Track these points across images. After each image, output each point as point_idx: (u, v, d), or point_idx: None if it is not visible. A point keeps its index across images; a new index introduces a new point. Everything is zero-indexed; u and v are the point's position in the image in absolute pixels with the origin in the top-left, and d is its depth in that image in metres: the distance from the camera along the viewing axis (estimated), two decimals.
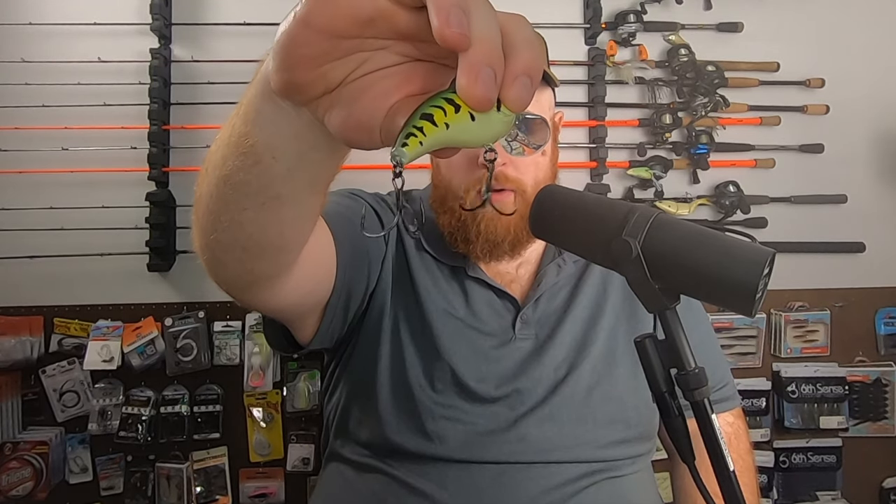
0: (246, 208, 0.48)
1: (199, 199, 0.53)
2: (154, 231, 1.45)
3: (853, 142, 1.67)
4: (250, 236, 0.51)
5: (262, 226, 0.50)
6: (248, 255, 0.54)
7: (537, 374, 0.83)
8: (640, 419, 0.85)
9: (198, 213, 0.54)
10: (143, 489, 1.42)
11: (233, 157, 0.45)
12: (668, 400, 0.53)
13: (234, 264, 0.56)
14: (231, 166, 0.45)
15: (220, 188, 0.48)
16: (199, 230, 0.55)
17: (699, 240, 0.51)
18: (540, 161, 0.87)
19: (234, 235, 0.52)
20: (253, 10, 1.53)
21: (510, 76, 0.31)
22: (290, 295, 0.65)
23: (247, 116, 0.43)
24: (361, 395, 0.85)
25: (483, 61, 0.30)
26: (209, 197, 0.50)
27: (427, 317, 0.85)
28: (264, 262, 0.56)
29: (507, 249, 0.87)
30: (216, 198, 0.49)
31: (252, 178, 0.45)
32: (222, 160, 0.46)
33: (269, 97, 0.39)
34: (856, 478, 1.60)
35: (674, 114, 1.57)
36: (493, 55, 0.30)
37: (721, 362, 0.97)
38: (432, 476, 0.78)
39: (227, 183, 0.47)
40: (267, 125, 0.41)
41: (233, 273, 0.58)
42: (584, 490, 0.78)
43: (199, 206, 0.54)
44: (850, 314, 1.62)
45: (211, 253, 0.55)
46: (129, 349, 1.38)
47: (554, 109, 0.93)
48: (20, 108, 1.43)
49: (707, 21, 1.63)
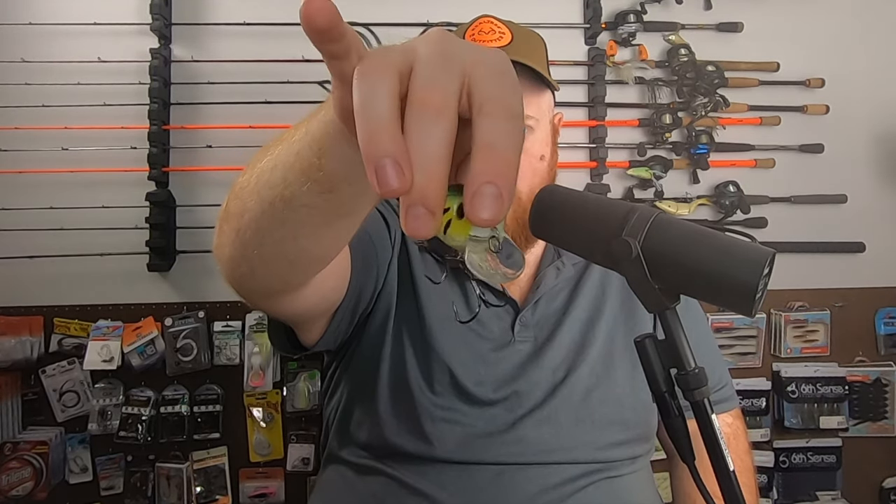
0: (306, 225, 0.47)
1: (240, 214, 0.50)
2: (154, 231, 1.45)
3: (853, 142, 1.67)
4: (302, 249, 0.50)
5: (317, 240, 0.50)
6: (292, 267, 0.54)
7: (536, 377, 0.83)
8: (638, 420, 0.85)
9: (236, 228, 0.52)
10: (143, 489, 1.42)
11: (299, 183, 0.43)
12: (667, 400, 0.53)
13: (271, 276, 0.55)
14: (297, 191, 0.44)
15: (276, 207, 0.46)
16: (238, 245, 0.52)
17: (699, 240, 0.51)
18: (538, 167, 0.87)
19: (284, 250, 0.51)
20: (253, 10, 1.53)
21: (471, 188, 0.27)
22: (307, 301, 0.65)
23: (321, 149, 0.41)
24: (361, 396, 0.85)
25: (418, 202, 0.27)
26: (260, 214, 0.48)
27: (427, 319, 0.85)
28: (304, 274, 0.56)
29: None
30: (269, 215, 0.47)
31: (323, 201, 0.44)
32: (283, 183, 0.45)
33: (345, 136, 0.38)
34: (856, 478, 1.60)
35: (674, 114, 1.57)
36: (435, 192, 0.28)
37: (719, 363, 0.97)
38: (431, 476, 0.78)
39: (289, 205, 0.45)
40: (345, 159, 0.40)
41: (265, 284, 0.57)
42: (583, 489, 0.78)
43: (238, 222, 0.51)
44: (850, 314, 1.62)
45: (248, 265, 0.54)
46: (129, 349, 1.38)
47: (553, 111, 0.93)
48: (20, 108, 1.43)
49: (707, 21, 1.63)
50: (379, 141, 0.28)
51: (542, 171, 0.87)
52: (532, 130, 0.86)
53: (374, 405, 0.82)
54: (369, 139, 0.28)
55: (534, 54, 0.85)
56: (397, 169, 0.27)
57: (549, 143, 0.90)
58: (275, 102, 1.48)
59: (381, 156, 0.27)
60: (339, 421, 0.89)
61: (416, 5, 1.56)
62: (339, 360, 0.90)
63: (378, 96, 0.29)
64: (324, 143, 0.41)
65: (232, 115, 1.49)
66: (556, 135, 0.93)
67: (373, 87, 0.29)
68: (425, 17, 1.55)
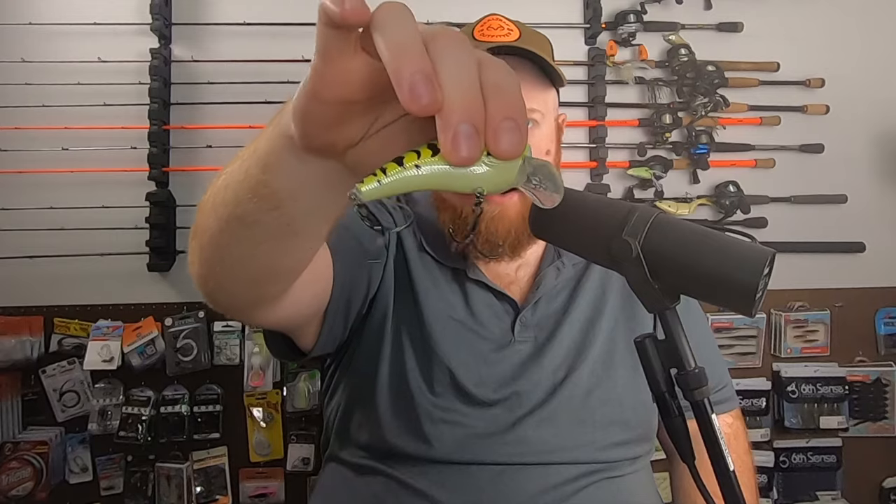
0: (261, 243, 0.48)
1: (203, 232, 0.51)
2: (154, 231, 1.45)
3: (853, 142, 1.67)
4: (262, 266, 0.51)
5: (277, 257, 0.50)
6: (258, 283, 0.54)
7: (536, 377, 0.83)
8: (638, 421, 0.85)
9: (200, 245, 0.53)
10: (143, 489, 1.42)
11: (248, 201, 0.44)
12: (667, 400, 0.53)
13: (241, 292, 0.56)
14: (247, 208, 0.45)
15: (231, 225, 0.47)
16: (203, 262, 0.54)
17: (699, 240, 0.51)
18: None
19: (246, 267, 0.51)
20: (253, 10, 1.53)
21: (492, 126, 0.29)
22: (289, 308, 0.65)
23: (266, 165, 0.42)
24: (361, 397, 0.85)
25: (459, 119, 0.29)
26: (218, 233, 0.49)
27: (426, 319, 0.85)
28: (273, 287, 0.56)
29: (507, 251, 0.87)
30: (227, 234, 0.49)
31: (271, 219, 0.45)
32: (234, 201, 0.46)
33: (293, 150, 0.39)
34: (856, 478, 1.60)
35: (674, 114, 1.57)
36: (470, 110, 0.29)
37: (719, 364, 0.97)
38: (431, 476, 0.78)
39: (242, 222, 0.46)
40: (291, 174, 0.41)
41: (237, 299, 0.58)
42: (584, 489, 0.79)
43: (201, 239, 0.52)
44: (850, 314, 1.62)
45: (214, 281, 0.55)
46: (129, 349, 1.38)
47: (558, 111, 0.93)
48: (20, 108, 1.43)
49: (707, 21, 1.63)
50: (410, 57, 0.28)
51: None
52: (537, 125, 0.85)
53: (374, 407, 0.82)
54: (399, 55, 0.29)
55: (541, 52, 0.85)
56: (429, 85, 0.28)
57: (554, 139, 0.90)
58: (275, 102, 1.48)
59: (414, 71, 0.28)
60: (339, 422, 0.88)
61: (416, 5, 1.55)
62: (337, 362, 0.90)
63: (406, 23, 0.30)
64: (269, 158, 0.41)
65: (232, 115, 1.49)
66: (559, 134, 0.93)
67: (400, 16, 0.30)
68: (425, 18, 1.55)
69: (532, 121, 0.84)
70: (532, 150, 0.49)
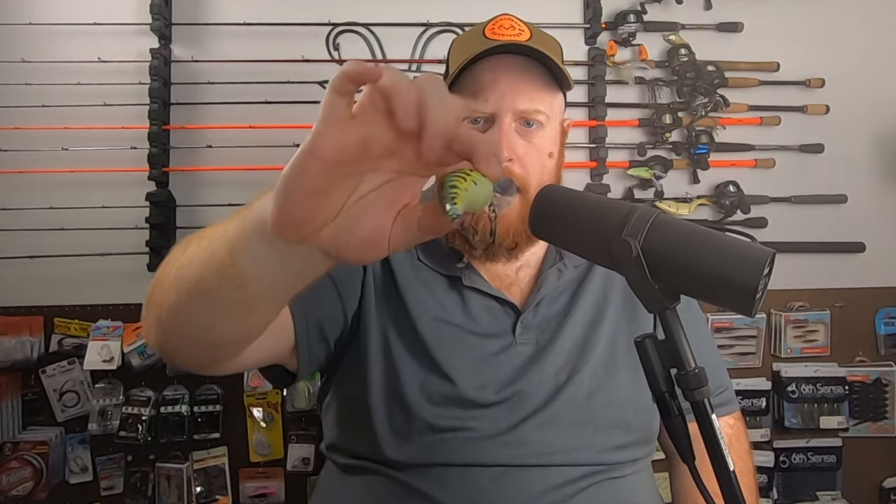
0: (222, 317, 0.51)
1: (161, 304, 0.54)
2: (154, 231, 1.45)
3: (853, 142, 1.67)
4: (221, 336, 0.54)
5: (237, 328, 0.54)
6: (216, 348, 0.58)
7: (538, 379, 0.82)
8: (640, 424, 0.84)
9: (158, 317, 0.55)
10: (143, 489, 1.43)
11: (212, 279, 0.48)
12: (667, 400, 0.53)
13: (200, 355, 0.60)
14: (209, 286, 0.48)
15: (192, 299, 0.50)
16: (161, 331, 0.57)
17: (699, 240, 0.51)
18: (546, 163, 0.86)
19: (205, 336, 0.55)
20: (253, 10, 1.53)
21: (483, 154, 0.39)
22: (251, 358, 0.68)
23: (233, 249, 0.46)
24: (355, 413, 0.84)
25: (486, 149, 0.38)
26: (178, 305, 0.52)
27: (419, 328, 0.83)
28: (231, 350, 0.59)
29: (505, 252, 0.86)
30: (187, 307, 0.51)
31: (234, 296, 0.48)
32: (197, 278, 0.49)
33: (261, 237, 0.43)
34: (856, 478, 1.60)
35: (674, 114, 1.57)
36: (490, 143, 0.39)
37: (719, 367, 0.97)
38: (433, 478, 0.78)
39: (204, 297, 0.49)
40: (257, 260, 0.45)
41: (196, 360, 0.61)
42: (585, 490, 0.78)
43: (159, 311, 0.55)
44: (850, 314, 1.62)
45: (171, 346, 0.58)
46: (130, 349, 1.38)
47: (564, 114, 0.93)
48: (20, 108, 1.43)
49: (707, 21, 1.63)
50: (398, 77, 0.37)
51: (550, 168, 0.87)
52: (542, 127, 0.85)
53: (370, 422, 0.81)
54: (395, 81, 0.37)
55: (551, 55, 0.86)
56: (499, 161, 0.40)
57: (558, 142, 0.89)
58: (275, 102, 1.48)
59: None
60: (336, 436, 0.88)
61: (416, 5, 1.56)
62: (330, 373, 0.89)
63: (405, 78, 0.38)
64: (237, 243, 0.45)
65: (232, 115, 1.49)
66: (564, 137, 0.93)
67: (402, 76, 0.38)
68: (425, 18, 1.55)
69: (537, 122, 0.84)
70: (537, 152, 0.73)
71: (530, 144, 0.84)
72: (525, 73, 0.84)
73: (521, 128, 0.84)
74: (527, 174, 0.84)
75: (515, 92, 0.83)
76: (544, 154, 0.86)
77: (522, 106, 0.83)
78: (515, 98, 0.82)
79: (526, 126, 0.84)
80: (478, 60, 0.84)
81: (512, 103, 0.82)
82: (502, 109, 0.82)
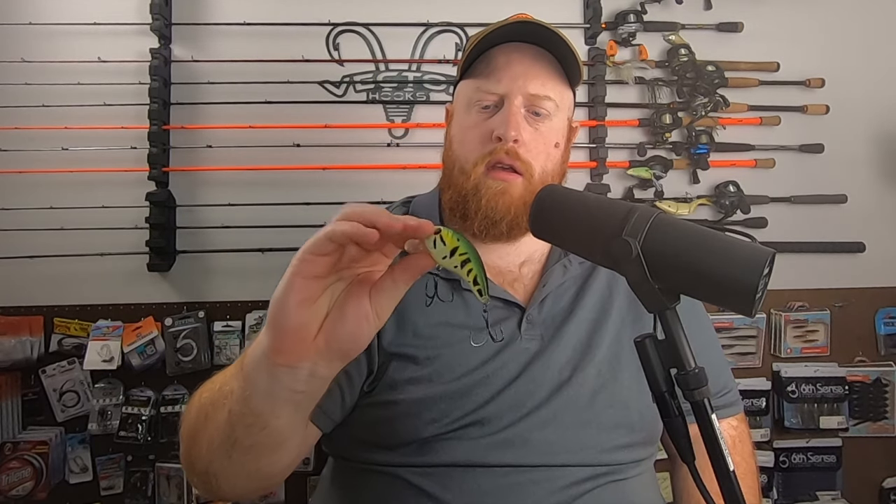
0: (261, 458, 0.63)
1: (199, 462, 0.66)
2: (154, 231, 1.45)
3: (853, 142, 1.67)
4: (269, 471, 0.67)
5: (276, 461, 0.66)
6: (271, 478, 0.70)
7: (541, 376, 0.82)
8: (643, 424, 0.83)
9: (196, 468, 0.67)
10: (143, 489, 1.43)
11: (239, 431, 0.60)
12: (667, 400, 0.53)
13: (256, 491, 0.72)
14: (238, 436, 0.60)
15: (228, 452, 0.62)
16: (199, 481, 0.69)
17: (699, 240, 0.51)
18: (552, 153, 0.87)
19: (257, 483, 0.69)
20: (253, 10, 1.53)
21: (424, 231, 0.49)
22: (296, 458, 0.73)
23: (245, 399, 0.57)
24: (357, 413, 0.83)
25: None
26: (210, 463, 0.64)
27: (422, 332, 0.82)
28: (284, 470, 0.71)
29: (505, 230, 0.85)
30: (228, 463, 0.63)
31: (263, 438, 0.59)
32: (225, 436, 0.61)
33: (267, 374, 0.54)
34: (856, 478, 1.60)
35: (674, 114, 1.57)
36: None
37: (724, 368, 0.96)
38: (435, 478, 0.78)
39: (237, 448, 0.61)
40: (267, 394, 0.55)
41: (255, 494, 0.73)
42: (589, 493, 0.78)
43: (197, 465, 0.66)
44: (850, 314, 1.62)
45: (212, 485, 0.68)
46: (129, 349, 1.38)
47: (573, 111, 0.93)
48: (20, 108, 1.44)
49: (707, 21, 1.63)
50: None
51: (555, 158, 0.87)
52: (550, 117, 0.86)
53: (375, 437, 0.80)
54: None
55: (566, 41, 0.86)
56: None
57: (565, 136, 0.90)
58: (275, 102, 1.48)
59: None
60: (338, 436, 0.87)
61: (416, 5, 1.56)
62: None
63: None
64: (246, 389, 0.56)
65: (232, 115, 1.49)
66: (571, 134, 0.93)
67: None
68: (425, 18, 1.56)
69: (545, 112, 0.85)
70: (543, 140, 0.87)
71: (537, 132, 0.85)
72: (538, 60, 0.86)
73: (530, 115, 0.85)
74: (531, 158, 0.84)
75: (528, 76, 0.84)
76: (550, 143, 0.86)
77: (533, 90, 0.84)
78: (527, 81, 0.83)
79: (535, 115, 0.85)
80: (494, 47, 0.86)
81: (523, 86, 0.83)
82: (513, 91, 0.83)
